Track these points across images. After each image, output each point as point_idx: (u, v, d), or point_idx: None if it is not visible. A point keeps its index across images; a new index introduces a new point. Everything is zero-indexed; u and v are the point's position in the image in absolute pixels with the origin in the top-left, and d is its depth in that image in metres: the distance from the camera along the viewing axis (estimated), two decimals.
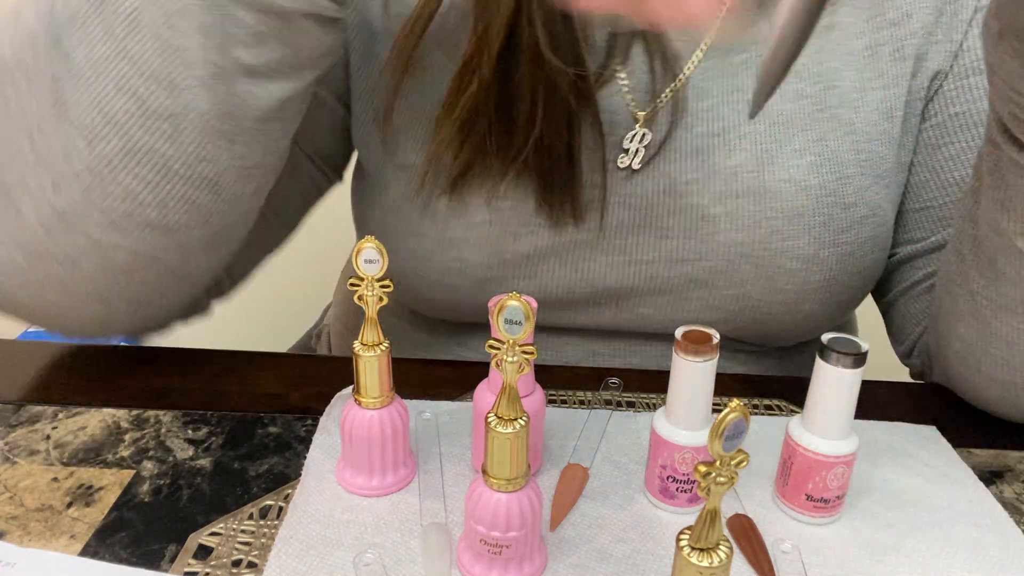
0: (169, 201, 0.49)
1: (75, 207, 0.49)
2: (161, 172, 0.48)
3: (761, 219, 0.60)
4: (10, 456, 0.50)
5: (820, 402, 0.44)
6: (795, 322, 0.64)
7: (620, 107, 0.60)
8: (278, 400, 0.57)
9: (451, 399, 0.57)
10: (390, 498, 0.47)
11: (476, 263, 0.62)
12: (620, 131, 0.60)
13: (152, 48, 0.45)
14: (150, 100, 0.46)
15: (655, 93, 0.59)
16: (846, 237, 0.61)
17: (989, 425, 0.58)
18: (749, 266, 0.61)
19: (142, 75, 0.46)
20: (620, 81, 0.59)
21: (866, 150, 0.61)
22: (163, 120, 0.47)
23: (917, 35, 0.61)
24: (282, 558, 0.42)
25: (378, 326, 0.45)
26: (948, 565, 0.44)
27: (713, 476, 0.32)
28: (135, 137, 0.47)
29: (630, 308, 0.64)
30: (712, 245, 0.61)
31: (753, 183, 0.59)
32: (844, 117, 0.61)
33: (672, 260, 0.61)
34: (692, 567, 0.34)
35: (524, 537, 0.40)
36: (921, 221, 0.65)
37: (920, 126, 0.64)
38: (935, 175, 0.64)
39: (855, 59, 0.61)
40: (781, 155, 0.60)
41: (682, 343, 0.43)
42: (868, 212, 0.62)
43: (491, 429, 0.38)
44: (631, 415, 0.56)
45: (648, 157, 0.59)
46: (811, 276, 0.61)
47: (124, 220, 0.49)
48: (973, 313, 0.55)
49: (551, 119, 0.56)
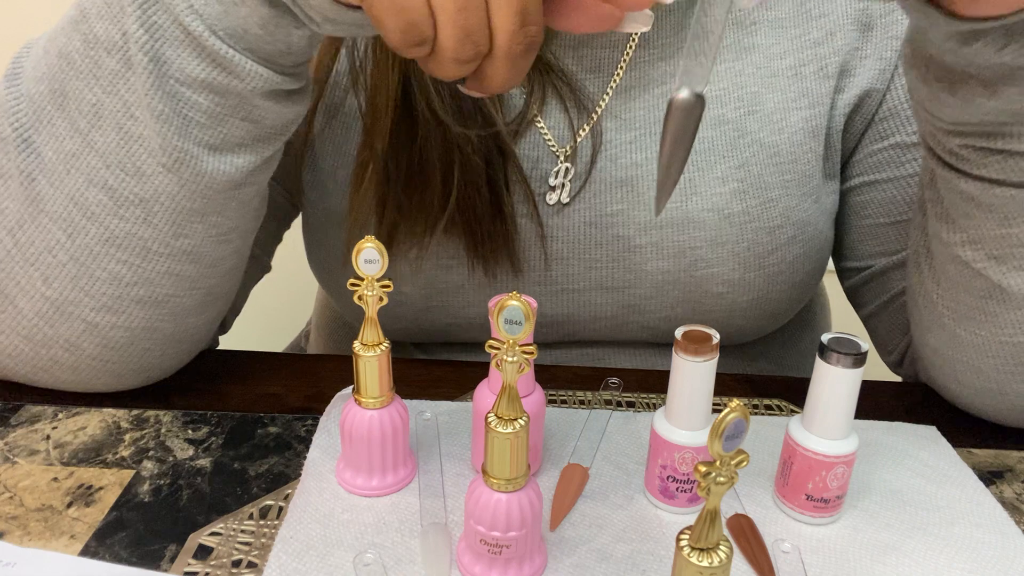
0: (154, 277, 0.50)
1: (66, 296, 0.49)
2: (141, 254, 0.49)
3: (685, 248, 0.61)
4: (10, 456, 0.50)
5: (820, 402, 0.44)
6: (728, 335, 0.65)
7: (542, 149, 0.61)
8: (278, 400, 0.57)
9: (451, 399, 0.57)
10: (390, 498, 0.47)
11: (414, 295, 0.63)
12: (544, 166, 0.61)
13: (115, 139, 0.46)
14: (121, 189, 0.47)
15: (574, 129, 0.60)
16: (772, 259, 0.62)
17: (989, 425, 0.58)
18: (677, 292, 0.63)
19: (109, 166, 0.46)
20: (538, 125, 0.60)
21: (791, 171, 0.62)
22: (135, 207, 0.47)
23: (841, 52, 0.62)
24: (282, 558, 0.42)
25: (378, 326, 0.45)
26: (948, 565, 0.44)
27: (713, 476, 0.32)
28: (111, 226, 0.48)
29: (570, 332, 0.66)
30: (639, 274, 0.62)
31: (676, 213, 0.61)
32: (766, 140, 0.61)
33: (603, 288, 0.63)
34: (692, 567, 0.34)
35: (524, 537, 0.40)
36: (893, 234, 0.66)
37: (877, 146, 0.64)
38: (902, 190, 0.64)
39: (778, 80, 0.61)
40: (703, 183, 0.60)
41: (682, 343, 0.43)
42: (796, 232, 0.63)
43: (491, 429, 0.38)
44: (631, 415, 0.56)
45: (575, 190, 0.61)
46: (738, 298, 0.63)
47: (114, 302, 0.50)
48: (938, 323, 0.55)
49: (468, 178, 0.57)
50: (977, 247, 0.50)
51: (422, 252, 0.61)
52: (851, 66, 0.62)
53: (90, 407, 0.54)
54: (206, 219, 0.50)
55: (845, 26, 0.62)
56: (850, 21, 0.61)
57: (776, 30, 0.61)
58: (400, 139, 0.57)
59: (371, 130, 0.57)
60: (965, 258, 0.51)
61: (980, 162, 0.47)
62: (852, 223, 0.68)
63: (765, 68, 0.61)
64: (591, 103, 0.60)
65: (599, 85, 0.61)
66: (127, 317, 0.51)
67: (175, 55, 0.43)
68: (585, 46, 0.60)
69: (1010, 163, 0.46)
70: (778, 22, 0.61)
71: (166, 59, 0.43)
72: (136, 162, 0.46)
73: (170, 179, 0.47)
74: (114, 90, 0.45)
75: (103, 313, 0.50)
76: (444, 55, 0.36)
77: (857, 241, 0.68)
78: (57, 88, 0.46)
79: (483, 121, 0.56)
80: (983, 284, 0.51)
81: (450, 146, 0.56)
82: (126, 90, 0.45)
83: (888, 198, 0.65)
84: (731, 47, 0.61)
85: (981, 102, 0.43)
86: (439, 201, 0.58)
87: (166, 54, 0.43)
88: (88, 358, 0.52)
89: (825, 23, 0.62)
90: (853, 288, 0.71)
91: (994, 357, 0.53)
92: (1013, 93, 0.42)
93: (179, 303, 0.52)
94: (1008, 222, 0.48)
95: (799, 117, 0.62)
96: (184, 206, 0.48)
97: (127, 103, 0.45)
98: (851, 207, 0.67)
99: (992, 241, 0.49)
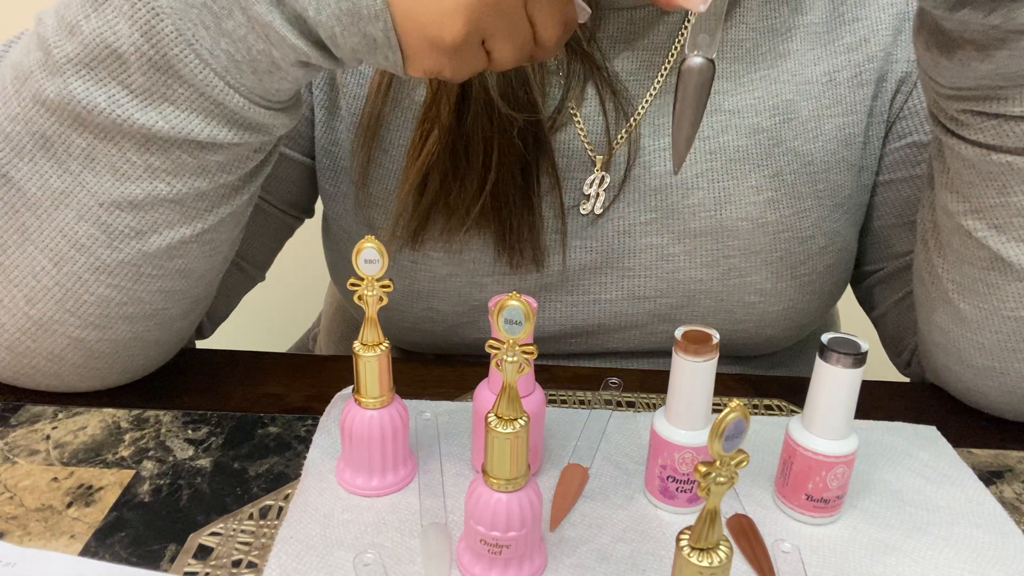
0: (144, 296, 0.50)
1: (51, 316, 0.49)
2: (133, 279, 0.49)
3: (719, 257, 0.61)
4: (10, 456, 0.50)
5: (820, 402, 0.44)
6: (757, 344, 0.66)
7: (578, 150, 0.60)
8: (278, 400, 0.57)
9: (451, 399, 0.57)
10: (390, 498, 0.47)
11: (446, 312, 0.63)
12: (578, 174, 0.60)
13: (111, 181, 0.45)
14: (115, 224, 0.47)
15: (611, 134, 0.60)
16: (804, 269, 0.62)
17: (989, 425, 0.58)
18: (709, 301, 0.63)
19: (103, 204, 0.46)
20: (577, 125, 0.60)
21: (823, 180, 0.62)
22: (130, 239, 0.47)
23: (877, 59, 0.61)
24: (282, 558, 0.42)
25: (378, 326, 0.45)
26: (948, 565, 0.44)
27: (713, 476, 0.32)
28: (103, 256, 0.47)
29: (599, 343, 0.66)
30: (672, 283, 0.62)
31: (711, 222, 0.60)
32: (801, 149, 0.61)
33: (634, 298, 0.63)
34: (692, 567, 0.34)
35: (524, 537, 0.40)
36: (906, 236, 0.66)
37: (895, 145, 0.64)
38: (915, 190, 0.64)
39: (812, 87, 0.61)
40: (738, 192, 0.60)
41: (682, 343, 0.43)
42: (827, 242, 0.63)
43: (491, 429, 0.38)
44: (631, 415, 0.56)
45: (609, 201, 0.61)
46: (769, 308, 0.63)
47: (102, 320, 0.50)
48: (944, 299, 0.56)
49: (506, 165, 0.57)
50: (979, 216, 0.51)
51: (454, 260, 0.60)
52: (886, 71, 0.61)
53: (90, 407, 0.54)
54: (202, 238, 0.50)
55: (879, 31, 0.61)
56: (884, 26, 0.61)
57: (810, 36, 0.61)
58: (451, 121, 0.57)
59: (436, 101, 0.57)
60: (967, 227, 0.52)
61: (978, 127, 0.48)
62: (865, 226, 0.67)
63: (799, 75, 0.61)
64: (631, 107, 0.60)
65: (639, 90, 0.60)
66: (114, 331, 0.51)
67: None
68: (631, 47, 0.59)
69: (1006, 128, 0.47)
70: (811, 27, 0.61)
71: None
72: (133, 199, 0.46)
73: (171, 210, 0.47)
74: (109, 138, 0.44)
75: (89, 330, 0.50)
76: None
77: (870, 245, 0.68)
78: (38, 131, 0.45)
79: (529, 104, 0.56)
80: (985, 255, 0.52)
81: (494, 128, 0.56)
82: (123, 138, 0.44)
83: (901, 198, 0.64)
84: (766, 54, 0.60)
85: (975, 65, 0.45)
86: (478, 183, 0.57)
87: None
88: (71, 367, 0.52)
89: (858, 28, 0.61)
90: (865, 291, 0.72)
91: (996, 332, 0.54)
92: (1004, 56, 0.44)
93: (167, 314, 0.52)
94: (1006, 190, 0.49)
95: (832, 125, 0.61)
96: (183, 234, 0.48)
97: (123, 148, 0.45)
98: (867, 209, 0.67)
99: (992, 210, 0.50)
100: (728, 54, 0.60)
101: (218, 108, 0.44)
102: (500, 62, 0.43)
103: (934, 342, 0.59)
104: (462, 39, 0.41)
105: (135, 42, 0.42)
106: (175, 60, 0.42)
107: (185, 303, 0.53)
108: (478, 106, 0.55)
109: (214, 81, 0.43)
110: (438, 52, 0.42)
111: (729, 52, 0.60)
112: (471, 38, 0.41)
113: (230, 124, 0.45)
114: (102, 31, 0.42)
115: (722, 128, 0.60)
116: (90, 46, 0.42)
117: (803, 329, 0.67)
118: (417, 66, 0.43)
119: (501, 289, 0.62)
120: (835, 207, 0.63)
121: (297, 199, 0.67)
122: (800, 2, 0.60)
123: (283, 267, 0.75)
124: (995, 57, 0.44)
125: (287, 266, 0.79)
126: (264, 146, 0.49)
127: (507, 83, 0.55)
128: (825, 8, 0.61)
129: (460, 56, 0.42)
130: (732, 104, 0.60)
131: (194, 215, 0.48)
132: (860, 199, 0.65)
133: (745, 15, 0.60)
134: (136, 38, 0.42)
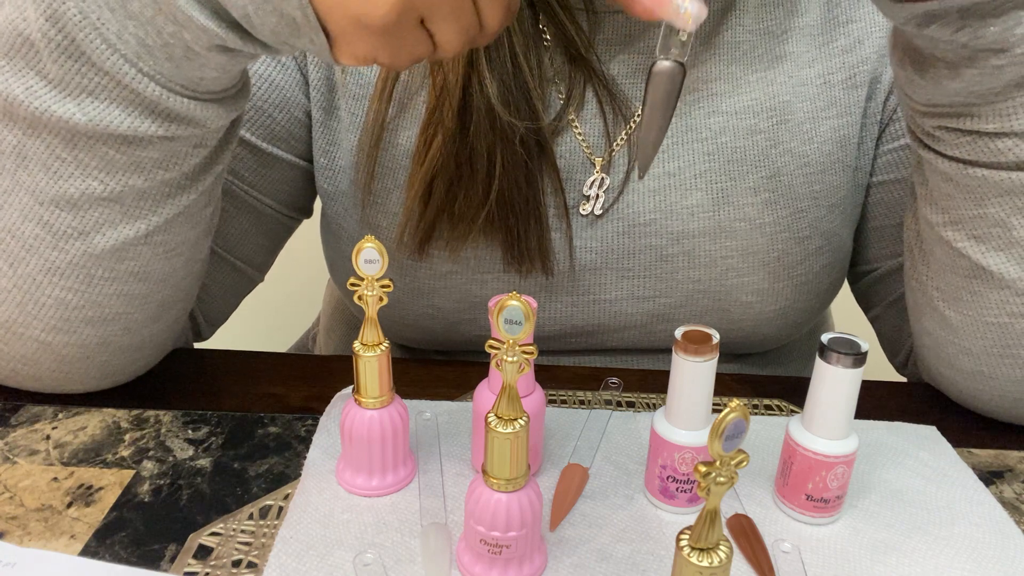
0: (101, 300, 0.50)
1: (15, 319, 0.49)
2: (86, 281, 0.48)
3: (717, 257, 0.61)
4: (10, 456, 0.50)
5: (820, 402, 0.44)
6: (752, 343, 0.66)
7: (577, 153, 0.60)
8: (278, 400, 0.57)
9: (451, 399, 0.57)
10: (390, 498, 0.47)
11: (447, 309, 0.63)
12: (578, 176, 0.61)
13: (44, 179, 0.45)
14: (57, 224, 0.46)
15: (610, 137, 0.60)
16: (801, 269, 0.63)
17: (989, 425, 0.58)
18: (707, 300, 0.63)
19: (42, 203, 0.45)
20: (575, 129, 0.60)
21: (820, 181, 0.62)
22: (74, 240, 0.47)
23: (870, 60, 0.61)
24: (282, 558, 0.42)
25: (378, 326, 0.45)
26: (948, 565, 0.44)
27: (713, 476, 0.32)
28: (52, 257, 0.47)
29: (598, 341, 0.66)
30: (671, 283, 0.62)
31: (709, 223, 0.61)
32: (798, 150, 0.61)
33: (634, 298, 0.63)
34: (692, 567, 0.34)
35: (524, 537, 0.40)
36: (899, 236, 0.66)
37: (888, 147, 0.64)
38: (906, 191, 0.64)
39: (808, 89, 0.61)
40: (736, 193, 0.60)
41: (682, 343, 0.43)
42: (823, 243, 0.63)
43: (491, 429, 0.38)
44: (631, 415, 0.56)
45: (609, 202, 0.61)
46: (766, 307, 0.63)
47: (63, 323, 0.50)
48: (930, 305, 0.56)
49: (509, 172, 0.57)
50: (958, 227, 0.52)
51: (456, 258, 0.60)
52: (879, 73, 0.62)
53: (90, 407, 0.54)
54: (151, 239, 0.49)
55: (873, 33, 0.61)
56: (877, 28, 0.61)
57: (805, 38, 0.61)
58: (455, 127, 0.56)
59: (440, 106, 0.56)
60: (947, 238, 0.52)
61: (953, 143, 0.49)
62: (860, 226, 0.68)
63: (796, 77, 0.61)
64: (628, 110, 0.60)
65: (636, 92, 0.60)
66: (78, 336, 0.51)
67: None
68: (627, 51, 0.60)
69: (979, 144, 0.48)
70: (807, 29, 0.61)
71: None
72: (69, 198, 0.45)
73: (110, 209, 0.46)
74: (35, 133, 0.43)
75: (54, 333, 0.50)
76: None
77: (864, 245, 0.68)
78: None
79: (530, 112, 0.56)
80: (966, 264, 0.52)
81: (496, 136, 0.56)
82: (48, 133, 0.43)
83: (894, 199, 0.65)
84: (762, 56, 0.60)
85: (947, 83, 0.46)
86: (483, 190, 0.57)
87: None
88: (47, 371, 0.52)
89: (852, 30, 0.61)
90: (861, 291, 0.72)
91: (982, 338, 0.54)
92: (975, 74, 0.44)
93: (131, 318, 0.52)
94: (982, 202, 0.50)
95: (828, 127, 0.61)
96: (126, 235, 0.47)
97: (51, 145, 0.44)
98: (861, 210, 0.67)
99: (970, 222, 0.51)
100: (725, 56, 0.60)
101: (136, 97, 0.42)
102: (445, 46, 0.40)
103: (925, 346, 0.60)
104: (394, 18, 0.37)
105: (41, 27, 0.40)
106: (84, 45, 0.40)
107: (150, 308, 0.52)
108: (479, 113, 0.55)
109: (125, 68, 0.41)
110: (368, 33, 0.38)
111: (726, 54, 0.60)
112: (404, 16, 0.38)
113: (152, 116, 0.43)
114: (13, 18, 0.41)
115: (720, 129, 0.60)
116: (4, 34, 0.41)
117: (798, 328, 0.67)
118: (347, 51, 0.40)
119: (502, 286, 0.62)
120: (831, 207, 0.63)
121: (293, 200, 0.67)
122: (796, 4, 0.61)
123: (282, 267, 0.75)
124: (965, 75, 0.45)
125: (286, 266, 0.79)
126: (204, 140, 0.47)
127: (507, 90, 0.55)
128: (820, 10, 0.61)
129: (395, 38, 0.39)
130: (730, 106, 0.60)
131: (136, 215, 0.47)
132: (855, 199, 0.65)
133: (742, 17, 0.60)
134: (42, 23, 0.40)
